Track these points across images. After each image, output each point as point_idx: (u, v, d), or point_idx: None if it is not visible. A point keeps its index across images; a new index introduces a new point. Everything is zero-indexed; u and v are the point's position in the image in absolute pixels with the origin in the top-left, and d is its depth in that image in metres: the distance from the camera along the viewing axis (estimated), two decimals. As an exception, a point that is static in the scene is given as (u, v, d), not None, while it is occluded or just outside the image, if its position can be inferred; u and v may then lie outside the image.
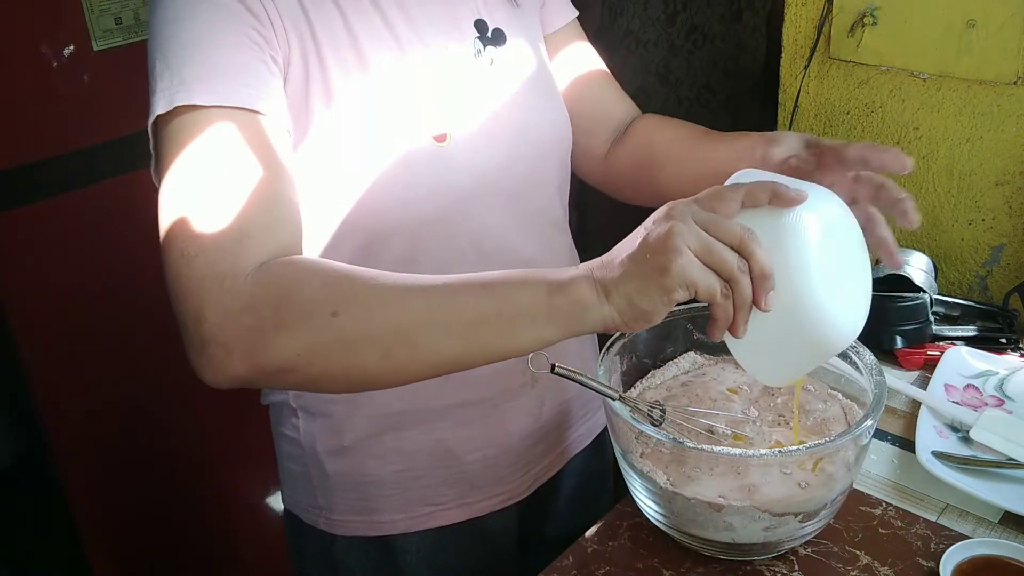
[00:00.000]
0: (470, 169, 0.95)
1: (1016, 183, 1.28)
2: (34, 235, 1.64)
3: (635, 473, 0.91)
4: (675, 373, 1.06)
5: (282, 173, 0.81)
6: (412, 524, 1.05)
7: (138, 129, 1.82)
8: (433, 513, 1.05)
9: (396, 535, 1.05)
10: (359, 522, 1.05)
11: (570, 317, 0.74)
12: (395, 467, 1.03)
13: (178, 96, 0.79)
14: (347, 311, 0.73)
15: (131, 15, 1.68)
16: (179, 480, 1.98)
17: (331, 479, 1.04)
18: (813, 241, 0.76)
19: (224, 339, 0.74)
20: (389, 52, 0.91)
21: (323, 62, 0.87)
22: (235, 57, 0.81)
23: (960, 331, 1.25)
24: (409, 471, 1.03)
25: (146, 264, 1.81)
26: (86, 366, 1.77)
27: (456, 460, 1.04)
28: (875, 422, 0.86)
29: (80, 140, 1.67)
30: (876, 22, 1.30)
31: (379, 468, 1.02)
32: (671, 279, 0.71)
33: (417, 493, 1.04)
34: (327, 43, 0.88)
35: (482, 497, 1.07)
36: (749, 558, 0.91)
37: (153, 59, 0.82)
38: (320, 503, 1.06)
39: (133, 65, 1.71)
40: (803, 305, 0.76)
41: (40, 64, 1.59)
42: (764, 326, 0.77)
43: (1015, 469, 0.98)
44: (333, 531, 1.06)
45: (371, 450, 1.02)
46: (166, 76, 0.80)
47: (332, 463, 1.03)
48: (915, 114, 1.33)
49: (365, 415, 1.01)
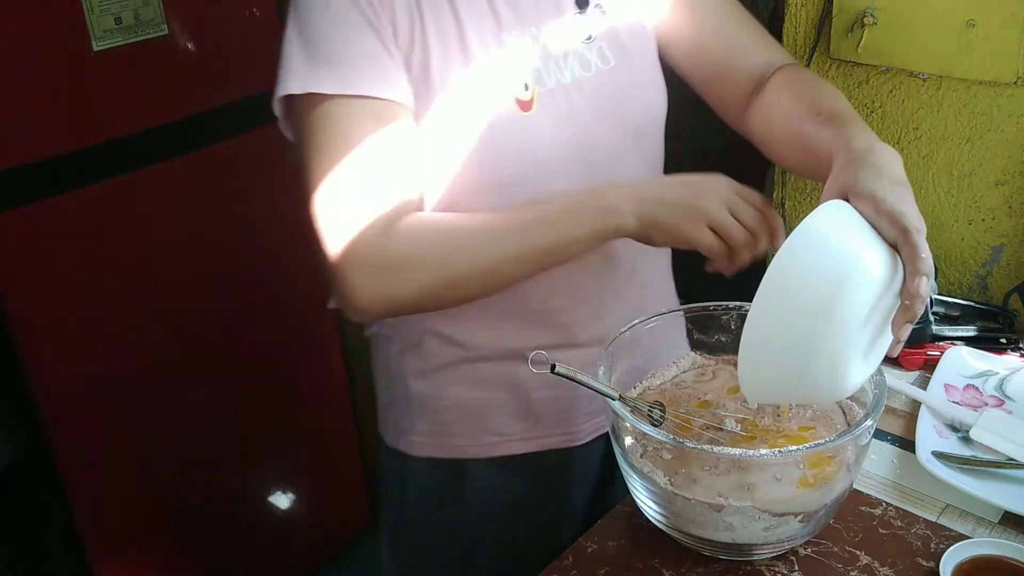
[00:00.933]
0: (552, 138, 1.02)
1: (1016, 183, 1.28)
2: (34, 235, 1.64)
3: (635, 473, 0.91)
4: (675, 373, 1.06)
5: (401, 147, 0.97)
6: (480, 450, 1.14)
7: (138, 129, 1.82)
8: (499, 443, 1.14)
9: (464, 459, 1.14)
10: (433, 444, 1.15)
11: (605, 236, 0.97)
12: (470, 394, 1.12)
13: (311, 84, 0.94)
14: (455, 261, 0.96)
15: (131, 15, 1.67)
16: (179, 480, 1.98)
17: (413, 401, 1.14)
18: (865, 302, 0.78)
19: (358, 298, 0.95)
20: (489, 32, 0.99)
21: (426, 40, 0.97)
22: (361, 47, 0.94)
23: (960, 331, 1.25)
24: (482, 400, 1.12)
25: (147, 263, 1.82)
26: (87, 366, 1.77)
27: (525, 395, 1.11)
28: (875, 422, 0.86)
29: (79, 140, 1.67)
30: (876, 22, 1.30)
31: (455, 394, 1.12)
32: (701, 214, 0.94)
33: (487, 422, 1.13)
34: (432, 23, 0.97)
35: (545, 434, 1.14)
36: (749, 558, 0.91)
37: (291, 36, 0.96)
38: (402, 425, 1.17)
39: (133, 65, 1.71)
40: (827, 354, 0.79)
41: (40, 64, 1.59)
42: (784, 348, 0.79)
43: (1015, 469, 0.98)
44: (410, 451, 1.16)
45: (450, 376, 1.11)
46: (301, 58, 0.95)
47: (416, 385, 1.14)
48: (915, 114, 1.33)
49: (450, 345, 1.10)
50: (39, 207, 1.63)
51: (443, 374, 1.12)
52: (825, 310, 0.77)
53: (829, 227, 0.80)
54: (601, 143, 1.05)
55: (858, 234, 0.80)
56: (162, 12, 1.72)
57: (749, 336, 0.81)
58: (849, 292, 0.78)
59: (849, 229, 0.80)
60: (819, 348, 0.79)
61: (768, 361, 0.82)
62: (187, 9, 1.75)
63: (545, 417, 1.13)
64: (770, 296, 0.79)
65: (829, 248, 0.79)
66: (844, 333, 0.79)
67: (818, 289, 0.77)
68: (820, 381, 0.82)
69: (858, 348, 0.81)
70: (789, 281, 0.78)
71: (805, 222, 0.80)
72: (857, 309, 0.78)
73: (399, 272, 0.95)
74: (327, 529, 2.37)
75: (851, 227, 0.81)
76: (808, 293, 0.77)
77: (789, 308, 0.78)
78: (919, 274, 0.79)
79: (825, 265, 0.78)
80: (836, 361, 0.80)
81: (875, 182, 0.84)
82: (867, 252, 0.79)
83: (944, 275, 1.37)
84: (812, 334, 0.78)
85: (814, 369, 0.80)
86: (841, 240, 0.79)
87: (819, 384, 0.83)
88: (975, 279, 1.36)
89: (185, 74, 1.79)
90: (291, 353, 2.15)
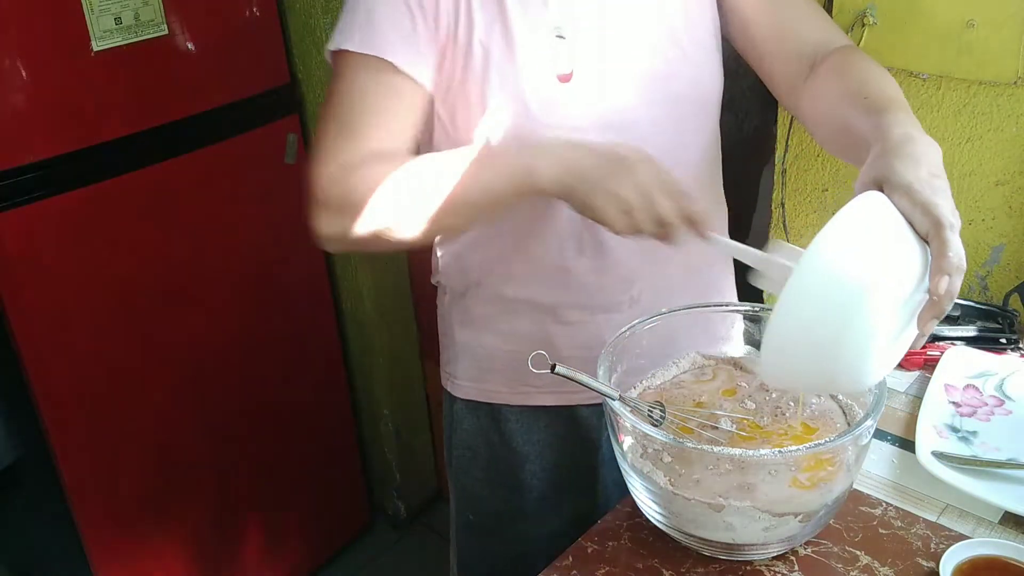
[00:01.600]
0: (589, 111, 1.05)
1: (1016, 183, 1.28)
2: (34, 235, 1.64)
3: (635, 473, 0.91)
4: (675, 373, 1.06)
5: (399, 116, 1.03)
6: (513, 398, 1.22)
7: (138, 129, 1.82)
8: (531, 393, 1.21)
9: (500, 404, 1.23)
10: (473, 387, 1.25)
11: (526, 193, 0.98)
12: (506, 346, 1.19)
13: (342, 41, 1.03)
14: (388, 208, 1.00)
15: (131, 15, 1.67)
16: (180, 480, 1.98)
17: (458, 347, 1.24)
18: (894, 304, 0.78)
19: (322, 230, 1.03)
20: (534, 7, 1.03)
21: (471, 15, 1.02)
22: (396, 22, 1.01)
23: (960, 331, 1.25)
24: (516, 351, 1.16)
25: (147, 263, 1.82)
26: (87, 365, 1.77)
27: (556, 352, 1.16)
28: (875, 422, 0.86)
29: (79, 140, 1.67)
30: (876, 22, 1.30)
31: (493, 343, 1.21)
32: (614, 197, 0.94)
33: (520, 372, 1.13)
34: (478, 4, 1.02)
35: (575, 389, 1.15)
36: (749, 558, 0.91)
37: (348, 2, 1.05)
38: (449, 369, 1.28)
39: (133, 65, 1.71)
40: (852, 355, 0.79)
41: (40, 64, 1.59)
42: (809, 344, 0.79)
43: (1015, 469, 0.98)
44: (455, 393, 1.27)
45: (489, 326, 1.20)
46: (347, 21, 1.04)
47: (460, 333, 1.23)
48: (915, 114, 1.33)
49: (489, 296, 1.18)
50: (39, 207, 1.63)
51: (483, 325, 1.20)
52: (852, 314, 0.76)
53: (861, 223, 0.78)
54: (642, 118, 1.06)
55: (891, 231, 0.79)
56: (162, 12, 1.72)
57: (775, 327, 0.79)
58: (877, 296, 0.77)
59: (882, 225, 0.79)
60: (844, 349, 0.78)
61: (792, 355, 0.80)
62: (187, 9, 1.75)
63: None
64: (800, 291, 0.77)
65: (860, 247, 0.77)
66: (871, 335, 0.78)
67: (845, 291, 0.76)
68: (842, 377, 0.82)
69: (884, 345, 0.81)
70: (819, 279, 0.77)
71: (839, 215, 0.78)
72: (885, 312, 0.78)
73: (352, 215, 1.00)
74: (327, 529, 2.37)
75: (884, 222, 0.79)
76: (836, 295, 0.76)
77: (817, 307, 0.77)
78: (942, 272, 0.77)
79: (854, 266, 0.76)
80: (861, 361, 0.80)
81: (911, 172, 0.81)
82: (897, 253, 0.78)
83: (944, 275, 1.37)
84: (838, 335, 0.77)
85: (838, 367, 0.80)
86: (871, 239, 0.78)
87: (840, 379, 0.83)
88: (975, 279, 1.36)
89: (185, 74, 1.79)
90: (291, 352, 2.15)
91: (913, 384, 1.18)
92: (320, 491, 2.32)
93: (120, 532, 1.91)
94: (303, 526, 2.30)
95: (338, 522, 2.41)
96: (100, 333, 1.77)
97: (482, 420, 1.25)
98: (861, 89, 0.98)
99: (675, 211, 0.94)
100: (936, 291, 0.77)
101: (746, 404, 0.99)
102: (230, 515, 2.13)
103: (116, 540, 1.91)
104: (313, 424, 2.26)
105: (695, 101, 1.12)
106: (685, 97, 1.10)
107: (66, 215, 1.67)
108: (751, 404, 0.99)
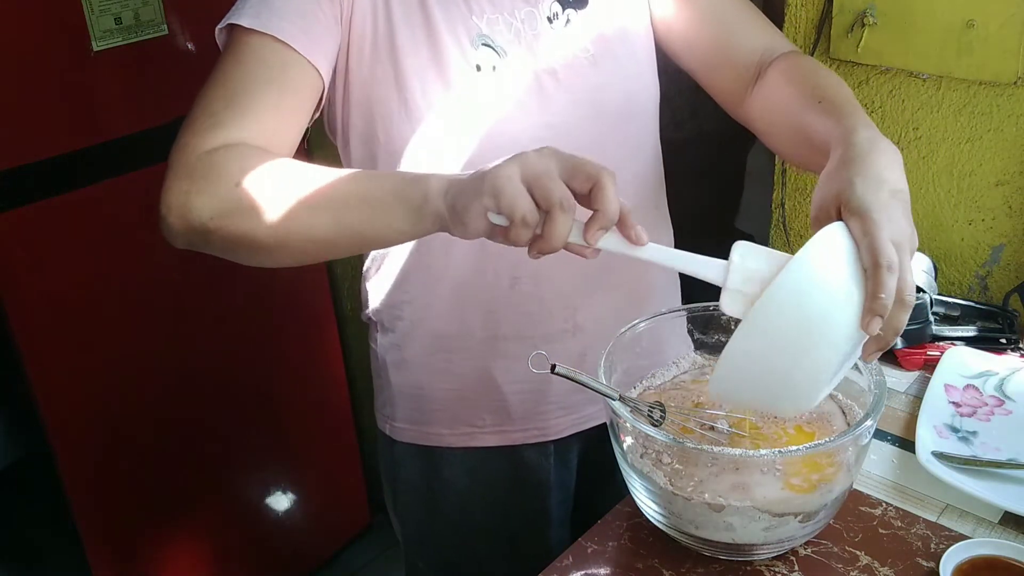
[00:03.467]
0: (522, 123, 1.01)
1: (1016, 183, 1.28)
2: (34, 235, 1.64)
3: (635, 473, 0.91)
4: (675, 373, 1.06)
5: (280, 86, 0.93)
6: (455, 440, 1.16)
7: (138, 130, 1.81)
8: (473, 434, 1.16)
9: (442, 447, 1.17)
10: (413, 431, 1.18)
11: (415, 208, 0.83)
12: (444, 385, 1.14)
13: (233, 17, 0.95)
14: (246, 184, 0.86)
15: (131, 15, 1.67)
16: (179, 480, 1.98)
17: (394, 389, 1.18)
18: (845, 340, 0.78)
19: (168, 200, 0.88)
20: (459, 16, 0.99)
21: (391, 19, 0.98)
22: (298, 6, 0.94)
23: (960, 331, 1.25)
24: (455, 391, 1.14)
25: (147, 263, 1.82)
26: (87, 366, 1.77)
27: (497, 389, 1.13)
28: (875, 422, 0.86)
29: (79, 141, 1.67)
30: (876, 22, 1.30)
31: (430, 384, 1.14)
32: (487, 190, 0.77)
33: (461, 413, 1.15)
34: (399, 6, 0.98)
35: (518, 428, 1.15)
36: (749, 558, 0.91)
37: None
38: (387, 412, 1.21)
39: (133, 65, 1.71)
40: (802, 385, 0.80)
41: (40, 64, 1.59)
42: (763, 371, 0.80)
43: (1015, 469, 0.98)
44: (395, 437, 1.20)
45: (425, 367, 1.14)
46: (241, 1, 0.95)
47: (395, 375, 1.17)
48: (915, 114, 1.33)
49: (422, 334, 1.12)
50: (39, 207, 1.63)
51: (417, 364, 1.15)
52: (806, 349, 0.78)
53: (819, 263, 0.79)
54: (576, 131, 1.04)
55: (849, 269, 0.79)
56: (162, 12, 1.72)
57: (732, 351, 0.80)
58: (830, 334, 0.78)
59: (840, 263, 0.79)
60: (796, 379, 0.80)
61: (744, 379, 0.82)
62: (187, 9, 1.75)
63: (517, 411, 1.15)
64: (759, 322, 0.78)
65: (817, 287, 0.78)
66: (823, 368, 0.80)
67: (802, 328, 0.77)
68: (787, 403, 0.84)
69: (832, 375, 0.82)
70: (778, 313, 0.78)
71: (800, 255, 0.78)
72: (837, 347, 0.79)
73: (202, 179, 0.87)
74: (327, 529, 2.37)
75: (842, 260, 0.79)
76: (792, 330, 0.78)
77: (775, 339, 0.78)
78: (872, 313, 0.76)
79: (811, 305, 0.77)
80: (810, 390, 0.82)
81: (871, 195, 0.79)
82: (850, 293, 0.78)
83: (944, 275, 1.37)
84: (792, 367, 0.79)
85: (785, 394, 0.82)
86: (827, 281, 0.78)
87: (785, 404, 0.84)
88: (975, 279, 1.36)
89: (185, 74, 1.79)
90: (291, 353, 2.15)
91: (913, 384, 1.18)
92: (320, 491, 2.32)
93: (119, 532, 1.91)
94: (303, 526, 2.30)
95: (338, 522, 2.41)
96: (100, 333, 1.77)
97: (424, 465, 1.20)
98: (815, 92, 0.97)
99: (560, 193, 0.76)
100: (866, 329, 0.77)
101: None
102: (230, 515, 2.13)
103: (115, 540, 1.91)
104: (313, 424, 2.26)
105: (631, 112, 1.10)
106: (619, 108, 1.08)
107: (66, 215, 1.67)
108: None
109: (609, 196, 0.76)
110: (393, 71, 0.99)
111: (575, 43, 1.05)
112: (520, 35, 1.02)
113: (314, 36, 0.95)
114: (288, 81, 0.94)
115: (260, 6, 0.94)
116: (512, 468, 1.18)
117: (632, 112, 1.10)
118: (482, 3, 1.01)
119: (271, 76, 0.93)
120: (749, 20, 1.11)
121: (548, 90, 1.03)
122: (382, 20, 0.99)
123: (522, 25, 1.02)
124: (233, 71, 0.93)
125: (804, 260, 0.78)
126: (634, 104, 1.10)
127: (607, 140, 1.07)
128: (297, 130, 0.96)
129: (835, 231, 0.81)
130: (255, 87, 0.92)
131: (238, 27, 0.94)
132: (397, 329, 1.14)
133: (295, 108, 0.95)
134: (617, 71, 1.07)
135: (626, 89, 1.08)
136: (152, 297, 1.84)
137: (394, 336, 1.15)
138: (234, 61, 0.94)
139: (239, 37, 0.95)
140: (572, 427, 1.18)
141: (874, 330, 0.77)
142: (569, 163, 0.78)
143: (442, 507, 1.21)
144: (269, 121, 0.93)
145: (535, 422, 1.16)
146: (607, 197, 0.76)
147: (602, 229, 0.78)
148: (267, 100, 0.93)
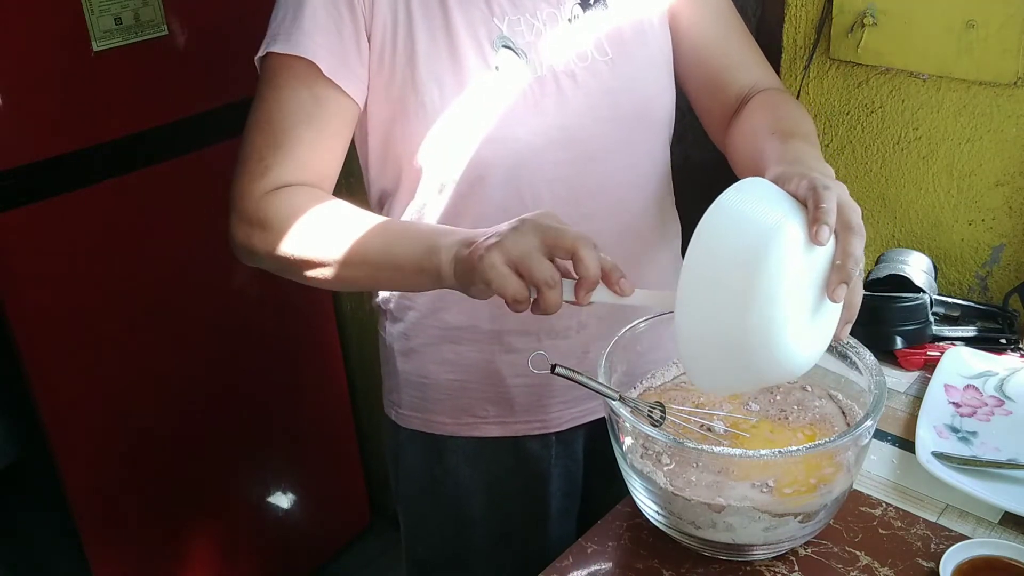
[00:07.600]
0: (537, 124, 1.03)
1: (1016, 183, 1.28)
2: (34, 235, 1.64)
3: (635, 473, 0.91)
4: (676, 373, 1.06)
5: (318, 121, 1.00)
6: (458, 429, 1.19)
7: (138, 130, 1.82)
8: (476, 424, 1.18)
9: (445, 436, 1.19)
10: (418, 418, 1.21)
11: (434, 278, 0.92)
12: (450, 376, 1.16)
13: (270, 46, 1.00)
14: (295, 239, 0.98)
15: (131, 15, 1.67)
16: (180, 480, 1.98)
17: (401, 377, 1.20)
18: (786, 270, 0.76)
19: (235, 238, 1.02)
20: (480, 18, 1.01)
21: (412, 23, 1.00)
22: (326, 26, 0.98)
23: (960, 331, 1.25)
24: (460, 381, 1.16)
25: (147, 264, 1.82)
26: (87, 366, 1.77)
27: (501, 381, 1.15)
28: (875, 422, 0.86)
29: (79, 141, 1.67)
30: (876, 22, 1.30)
31: (436, 373, 1.17)
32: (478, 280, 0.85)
33: (465, 403, 1.17)
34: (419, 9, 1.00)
35: (520, 420, 1.17)
36: (749, 558, 0.91)
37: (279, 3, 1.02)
38: (393, 398, 1.23)
39: (133, 65, 1.71)
40: (758, 332, 0.77)
41: (40, 64, 1.59)
42: (716, 337, 0.78)
43: (1015, 469, 0.98)
44: (400, 423, 1.23)
45: (432, 356, 1.16)
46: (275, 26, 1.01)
47: (402, 363, 1.19)
48: (915, 114, 1.33)
49: (430, 324, 1.14)
50: (39, 207, 1.63)
51: (424, 353, 1.17)
52: (747, 286, 0.75)
53: (739, 199, 0.78)
54: (591, 134, 1.05)
55: (772, 203, 0.78)
56: (162, 12, 1.72)
57: (680, 328, 0.78)
58: (767, 262, 0.75)
59: (763, 200, 0.79)
60: (749, 325, 0.76)
61: (705, 349, 0.79)
62: (187, 9, 1.75)
63: (520, 404, 1.16)
64: (691, 281, 0.77)
65: (741, 220, 0.76)
66: (772, 306, 0.76)
67: (735, 264, 0.75)
68: (763, 360, 0.79)
69: (795, 321, 0.78)
70: (707, 263, 0.76)
71: (717, 200, 0.78)
72: (779, 278, 0.75)
73: (261, 231, 0.99)
74: (327, 529, 2.37)
75: (764, 198, 0.79)
76: (727, 271, 0.75)
77: (712, 291, 0.76)
78: (819, 222, 0.77)
79: (739, 238, 0.75)
80: (771, 336, 0.77)
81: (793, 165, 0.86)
82: (779, 217, 0.77)
83: (944, 275, 1.37)
84: (739, 313, 0.75)
85: (752, 348, 0.77)
86: (753, 210, 0.77)
87: (764, 364, 0.79)
88: (975, 279, 1.36)
89: (185, 74, 1.79)
90: (291, 352, 2.15)
91: (913, 384, 1.18)
92: (320, 491, 2.32)
93: (120, 532, 1.91)
94: (303, 526, 2.30)
95: (338, 522, 2.41)
96: (100, 333, 1.77)
97: (427, 452, 1.22)
98: (775, 124, 1.02)
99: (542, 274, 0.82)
100: (815, 239, 0.77)
101: (750, 406, 1.00)
102: (230, 515, 2.13)
103: (116, 540, 1.91)
104: (313, 424, 2.26)
105: (646, 118, 1.11)
106: (635, 113, 1.09)
107: (66, 215, 1.67)
108: (755, 406, 0.99)
109: (588, 264, 0.82)
110: (411, 72, 1.01)
111: (595, 45, 1.05)
112: (541, 36, 1.03)
113: (344, 57, 0.99)
114: (324, 115, 1.00)
115: (291, 28, 0.99)
116: (513, 458, 1.20)
117: (647, 115, 1.11)
118: (504, 5, 1.02)
119: (309, 113, 1.00)
120: (750, 55, 1.15)
121: (566, 92, 1.04)
122: (402, 22, 1.00)
123: (544, 26, 1.03)
124: (275, 112, 1.00)
125: (711, 209, 0.77)
126: (650, 107, 1.11)
127: (621, 142, 1.08)
128: (338, 158, 1.04)
129: (749, 179, 0.81)
130: (295, 129, 1.00)
131: (273, 53, 1.00)
132: (406, 319, 1.16)
133: (333, 137, 1.02)
134: (635, 74, 1.08)
135: (643, 92, 1.09)
136: (152, 297, 1.84)
137: (403, 325, 1.17)
138: (274, 98, 1.00)
139: (274, 63, 1.01)
140: (574, 420, 1.19)
141: (823, 239, 0.77)
142: (550, 238, 0.83)
143: (443, 494, 1.23)
144: (311, 159, 1.01)
145: (537, 415, 1.17)
146: (587, 265, 0.82)
147: (589, 291, 0.84)
148: (307, 137, 1.00)
